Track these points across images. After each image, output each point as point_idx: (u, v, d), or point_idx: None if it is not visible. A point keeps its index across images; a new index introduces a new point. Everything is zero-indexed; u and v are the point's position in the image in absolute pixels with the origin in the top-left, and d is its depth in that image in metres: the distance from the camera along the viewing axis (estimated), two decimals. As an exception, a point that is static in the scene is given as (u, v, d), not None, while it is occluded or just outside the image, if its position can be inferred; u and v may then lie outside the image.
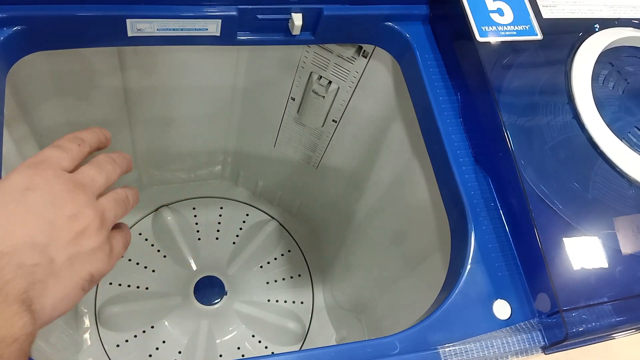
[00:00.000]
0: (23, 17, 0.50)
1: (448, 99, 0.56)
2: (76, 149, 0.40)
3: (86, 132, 0.42)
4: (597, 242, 0.48)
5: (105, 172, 0.40)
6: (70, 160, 0.39)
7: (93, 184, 0.38)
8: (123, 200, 0.41)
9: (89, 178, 0.38)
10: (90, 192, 0.38)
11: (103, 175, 0.39)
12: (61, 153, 0.38)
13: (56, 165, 0.37)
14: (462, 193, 0.52)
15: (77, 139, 0.41)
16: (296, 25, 0.56)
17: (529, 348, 0.46)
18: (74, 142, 0.40)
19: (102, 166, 0.40)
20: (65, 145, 0.39)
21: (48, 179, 0.36)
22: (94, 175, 0.39)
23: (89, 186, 0.38)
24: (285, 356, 0.43)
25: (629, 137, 0.52)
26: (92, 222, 0.36)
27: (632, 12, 0.59)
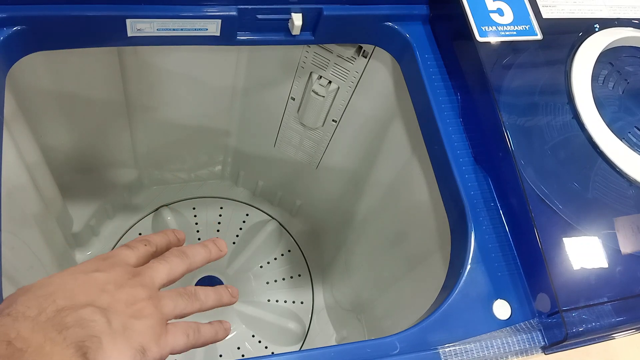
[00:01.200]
0: (23, 17, 0.50)
1: (448, 99, 0.56)
2: (143, 249, 0.44)
3: (156, 235, 0.47)
4: (597, 242, 0.48)
5: (169, 265, 0.43)
6: (136, 258, 0.43)
7: (153, 276, 0.41)
8: (189, 294, 0.43)
9: (150, 271, 0.41)
10: (150, 282, 0.41)
11: (165, 268, 0.42)
12: (128, 251, 0.43)
13: (123, 260, 0.42)
14: (462, 193, 0.52)
15: (145, 240, 0.45)
16: (296, 25, 0.56)
17: (529, 348, 0.46)
18: (142, 242, 0.44)
19: (168, 260, 0.43)
20: (132, 245, 0.44)
21: (114, 267, 0.40)
22: (156, 268, 0.42)
23: (149, 277, 0.41)
24: (285, 356, 0.43)
25: (629, 137, 0.52)
26: (148, 305, 0.39)
27: (632, 12, 0.59)
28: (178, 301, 0.42)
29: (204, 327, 0.44)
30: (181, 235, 0.49)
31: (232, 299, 0.48)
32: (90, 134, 0.81)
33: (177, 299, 0.42)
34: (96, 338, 0.35)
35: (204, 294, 0.45)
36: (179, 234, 0.49)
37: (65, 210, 0.89)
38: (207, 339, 0.44)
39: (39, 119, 0.71)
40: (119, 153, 0.90)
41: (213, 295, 0.46)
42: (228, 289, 0.48)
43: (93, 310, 0.36)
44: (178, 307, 0.41)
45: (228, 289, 0.48)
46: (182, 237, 0.49)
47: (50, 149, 0.78)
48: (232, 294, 0.48)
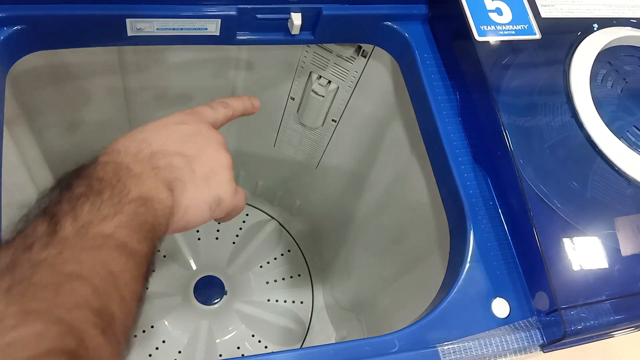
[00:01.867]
0: (23, 16, 0.50)
1: (447, 99, 0.56)
2: (223, 111, 0.49)
3: (234, 99, 0.51)
4: (596, 241, 0.48)
5: (223, 113, 0.49)
6: (214, 117, 0.48)
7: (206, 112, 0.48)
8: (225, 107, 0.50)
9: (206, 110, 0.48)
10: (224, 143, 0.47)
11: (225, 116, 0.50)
12: (210, 110, 0.48)
13: (204, 116, 0.47)
14: (461, 192, 0.52)
15: (224, 103, 0.50)
16: (295, 24, 0.57)
17: (527, 346, 0.46)
18: (222, 105, 0.49)
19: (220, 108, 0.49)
20: (214, 106, 0.49)
21: (198, 121, 0.45)
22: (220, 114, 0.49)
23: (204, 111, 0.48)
24: (284, 354, 0.43)
25: (628, 136, 0.52)
26: (228, 163, 0.45)
27: (631, 12, 0.59)
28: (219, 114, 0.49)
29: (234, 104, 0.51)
30: (256, 102, 0.54)
31: (253, 109, 0.53)
32: (91, 133, 0.81)
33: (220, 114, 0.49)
34: (181, 182, 0.40)
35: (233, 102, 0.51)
36: (254, 101, 0.54)
37: (65, 210, 0.89)
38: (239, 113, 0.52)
39: (39, 118, 0.71)
40: (119, 153, 0.90)
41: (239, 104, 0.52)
42: (251, 99, 0.53)
43: (180, 158, 0.41)
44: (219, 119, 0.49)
45: (251, 99, 0.53)
46: (257, 105, 0.54)
47: (51, 149, 0.78)
48: (254, 104, 0.54)
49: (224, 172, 0.44)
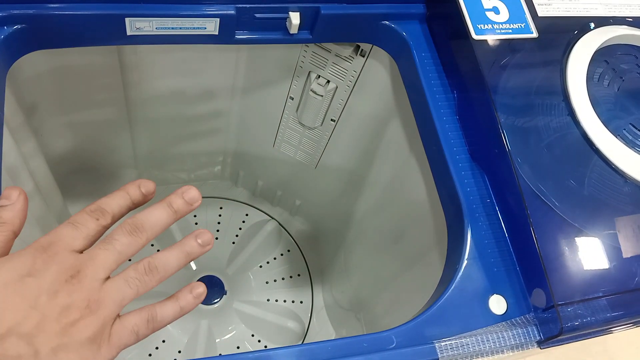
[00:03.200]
0: (23, 15, 0.50)
1: (445, 97, 0.56)
2: (93, 225, 0.37)
3: (113, 199, 0.38)
4: (593, 238, 0.49)
5: (117, 249, 0.36)
6: (83, 239, 0.36)
7: (97, 269, 0.35)
8: (139, 277, 0.37)
9: (92, 264, 0.35)
10: (93, 278, 0.35)
11: (112, 256, 0.36)
12: (74, 232, 0.36)
13: (66, 248, 0.35)
14: (459, 190, 0.52)
15: (97, 211, 0.37)
16: (294, 24, 0.57)
17: (524, 342, 0.46)
18: (93, 215, 0.37)
19: (115, 242, 0.37)
20: (80, 222, 0.37)
21: (50, 265, 0.34)
22: (102, 257, 0.36)
23: (91, 272, 0.35)
24: (283, 350, 0.43)
25: (624, 134, 0.53)
26: (85, 313, 0.34)
27: (627, 11, 0.59)
28: (125, 291, 0.36)
29: (163, 308, 0.38)
30: (148, 187, 0.40)
31: (202, 249, 0.39)
32: (91, 133, 0.82)
33: (124, 288, 0.36)
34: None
35: (163, 263, 0.38)
36: (145, 186, 0.39)
37: (65, 210, 0.89)
38: (167, 320, 0.38)
39: (40, 118, 0.71)
40: (119, 153, 0.90)
41: (174, 260, 0.38)
42: (197, 238, 0.39)
43: (18, 340, 0.32)
44: (126, 297, 0.36)
45: (197, 239, 0.39)
46: (150, 189, 0.40)
47: (51, 149, 0.78)
48: (203, 243, 0.39)
49: (78, 331, 0.34)
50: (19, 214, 0.37)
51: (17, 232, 0.37)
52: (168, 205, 0.39)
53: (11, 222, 0.37)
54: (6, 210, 0.37)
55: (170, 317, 0.39)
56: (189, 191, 0.40)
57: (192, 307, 0.40)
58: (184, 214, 0.39)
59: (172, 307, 0.39)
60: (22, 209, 0.37)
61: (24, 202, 0.38)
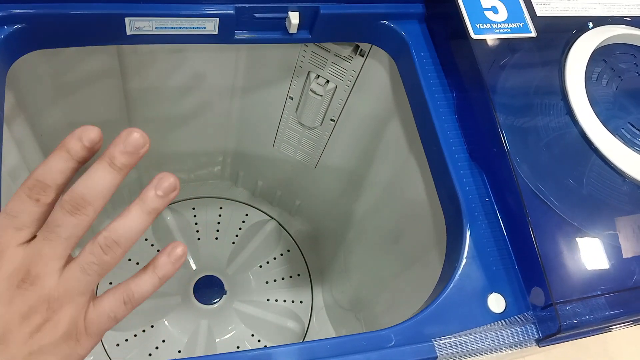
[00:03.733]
0: (23, 15, 0.50)
1: (444, 96, 0.57)
2: (34, 208, 0.31)
3: (53, 164, 0.31)
4: (591, 237, 0.49)
5: (63, 237, 0.31)
6: (27, 228, 0.31)
7: (48, 264, 0.31)
8: (97, 261, 0.32)
9: (42, 259, 0.31)
10: (46, 276, 0.31)
11: (61, 244, 0.31)
12: (14, 222, 0.31)
13: (9, 245, 0.31)
14: (458, 189, 0.52)
15: (36, 188, 0.31)
16: (293, 23, 0.57)
17: (523, 341, 0.46)
18: (32, 196, 0.31)
19: (58, 229, 0.31)
20: (18, 209, 0.31)
21: None
22: (49, 250, 0.31)
23: (42, 270, 0.31)
24: (283, 348, 0.43)
25: (623, 133, 0.53)
26: (48, 315, 0.31)
27: (625, 10, 0.60)
28: (86, 279, 0.32)
29: (139, 284, 0.34)
30: (90, 135, 0.32)
31: (164, 200, 0.32)
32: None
33: (83, 277, 0.32)
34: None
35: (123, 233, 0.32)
36: (86, 136, 0.31)
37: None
38: (146, 295, 0.34)
39: (40, 117, 0.71)
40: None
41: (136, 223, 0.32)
42: (157, 189, 0.32)
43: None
44: (89, 284, 0.32)
45: (157, 190, 0.32)
46: (93, 137, 0.32)
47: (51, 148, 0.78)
48: (164, 192, 0.32)
49: (46, 334, 0.31)
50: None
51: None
52: (109, 163, 0.31)
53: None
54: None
55: (149, 291, 0.34)
56: (129, 137, 0.32)
57: (173, 274, 0.35)
58: (132, 166, 0.32)
59: (149, 279, 0.34)
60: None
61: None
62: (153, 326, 0.97)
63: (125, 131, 0.32)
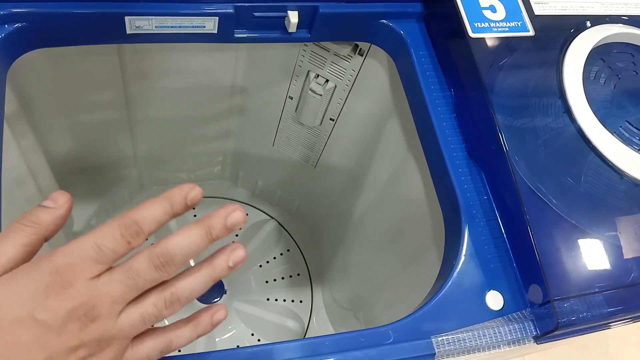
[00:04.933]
0: (23, 14, 0.51)
1: (442, 95, 0.57)
2: (121, 250, 0.32)
3: (153, 212, 0.32)
4: (589, 235, 0.49)
5: (138, 287, 0.32)
6: (107, 265, 0.32)
7: (114, 305, 0.32)
8: (157, 314, 0.33)
9: (111, 299, 0.31)
10: (108, 316, 0.31)
11: (133, 291, 0.32)
12: (98, 256, 0.31)
13: (84, 276, 0.31)
14: (456, 187, 0.53)
15: (131, 230, 0.32)
16: (292, 22, 0.57)
17: (521, 338, 0.47)
18: (125, 237, 0.31)
19: (139, 279, 0.32)
20: (109, 246, 0.31)
21: (65, 301, 0.30)
22: (121, 293, 0.32)
23: (106, 310, 0.31)
24: (282, 345, 0.44)
25: (621, 132, 0.53)
26: (94, 351, 0.31)
27: (623, 9, 0.60)
28: (140, 327, 0.33)
29: (179, 336, 0.35)
30: (194, 197, 0.33)
31: (231, 270, 0.35)
32: (91, 133, 0.82)
33: (139, 325, 0.33)
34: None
35: (187, 294, 0.34)
36: (191, 197, 0.33)
37: (65, 209, 0.89)
38: (180, 347, 0.36)
39: (40, 117, 0.72)
40: (119, 152, 0.91)
41: (200, 287, 0.34)
42: (229, 260, 0.34)
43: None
44: (140, 330, 0.33)
45: (229, 261, 0.34)
46: (195, 200, 0.34)
47: (51, 148, 0.78)
48: (234, 264, 0.35)
49: None
50: (57, 220, 0.34)
51: (48, 238, 0.34)
52: (207, 232, 0.33)
53: (46, 226, 0.33)
54: (46, 212, 0.34)
55: (184, 344, 0.36)
56: (232, 215, 0.34)
57: (208, 332, 0.37)
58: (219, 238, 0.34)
59: (189, 334, 0.36)
60: (63, 216, 0.34)
61: (67, 210, 0.34)
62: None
63: (230, 207, 0.34)
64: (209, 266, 0.34)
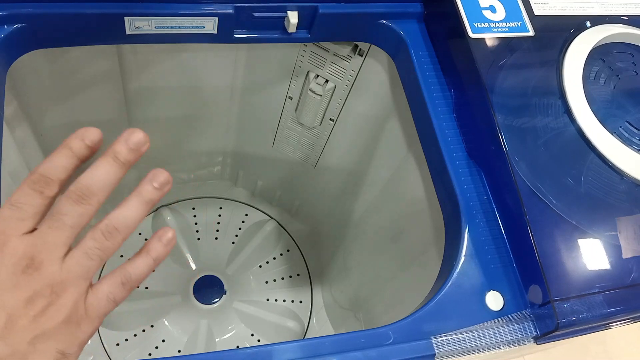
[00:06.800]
0: (23, 14, 0.51)
1: (442, 95, 0.57)
2: (38, 200, 0.33)
3: (57, 161, 0.33)
4: (589, 235, 0.49)
5: (68, 225, 0.33)
6: (31, 219, 0.33)
7: (52, 250, 0.33)
8: (99, 246, 0.34)
9: (47, 245, 0.33)
10: (50, 261, 0.33)
11: (65, 232, 0.33)
12: (19, 213, 0.33)
13: (13, 234, 0.33)
14: (456, 187, 0.52)
15: (40, 182, 0.33)
16: (292, 23, 0.57)
17: (521, 338, 0.47)
18: (37, 189, 0.33)
19: (63, 217, 0.33)
20: (23, 201, 0.33)
21: (2, 259, 0.32)
22: (54, 237, 0.33)
23: (46, 256, 0.33)
24: (282, 345, 0.44)
25: (620, 132, 0.53)
26: (52, 299, 0.33)
27: (623, 9, 0.60)
28: (88, 264, 0.34)
29: (135, 267, 0.36)
30: (92, 136, 0.34)
31: (160, 192, 0.36)
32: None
33: (85, 262, 0.33)
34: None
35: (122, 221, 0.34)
36: (88, 136, 0.34)
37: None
38: (142, 277, 0.36)
39: (40, 117, 0.72)
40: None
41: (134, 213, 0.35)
42: (153, 182, 0.35)
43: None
44: (91, 269, 0.34)
45: (153, 182, 0.35)
46: (94, 138, 0.34)
47: (51, 148, 0.78)
48: (160, 185, 0.36)
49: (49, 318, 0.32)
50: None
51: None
52: (113, 158, 0.34)
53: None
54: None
55: (144, 273, 0.36)
56: (132, 135, 0.35)
57: (165, 256, 0.37)
58: (133, 163, 0.35)
59: (144, 262, 0.36)
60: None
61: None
62: (153, 326, 0.97)
63: (128, 130, 0.35)
64: (135, 192, 0.35)
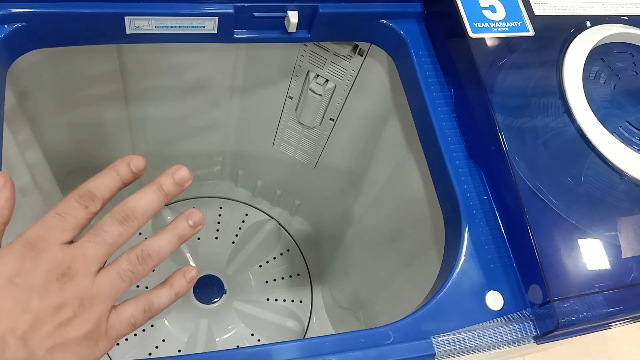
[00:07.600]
0: (23, 14, 0.51)
1: (442, 95, 0.57)
2: (82, 214, 0.35)
3: (103, 181, 0.36)
4: (589, 235, 0.49)
5: (107, 242, 0.35)
6: (72, 230, 0.35)
7: (88, 264, 0.34)
8: (132, 269, 0.36)
9: (84, 258, 0.34)
10: (84, 274, 0.34)
11: (104, 248, 0.35)
12: (62, 223, 0.34)
13: (54, 242, 0.34)
14: (456, 187, 0.52)
15: (85, 197, 0.35)
16: (292, 22, 0.57)
17: (521, 338, 0.47)
18: (81, 203, 0.35)
19: (104, 233, 0.35)
20: (68, 212, 0.34)
21: (40, 264, 0.33)
22: (92, 251, 0.34)
23: (81, 268, 0.34)
24: (282, 345, 0.44)
25: (620, 132, 0.53)
26: (79, 311, 0.34)
27: (623, 9, 0.60)
28: (119, 285, 0.35)
29: (158, 296, 0.38)
30: (138, 164, 0.37)
31: (193, 230, 0.38)
32: (91, 133, 0.82)
33: (117, 282, 0.35)
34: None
35: (156, 250, 0.37)
36: (134, 163, 0.37)
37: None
38: (162, 307, 0.38)
39: (40, 117, 0.72)
40: (119, 152, 0.91)
41: (167, 244, 0.37)
42: (188, 219, 0.38)
43: (15, 342, 0.31)
44: (120, 290, 0.35)
45: (188, 220, 0.38)
46: (140, 166, 0.37)
47: (51, 148, 0.78)
48: (194, 223, 0.38)
49: (73, 330, 0.33)
50: (7, 203, 0.35)
51: (6, 223, 0.35)
52: (158, 188, 0.37)
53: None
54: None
55: (165, 303, 0.38)
56: (178, 171, 0.37)
57: (186, 291, 0.40)
58: (175, 195, 0.38)
59: (167, 293, 0.38)
60: (10, 197, 0.35)
61: (11, 190, 0.35)
62: (153, 326, 0.97)
63: (176, 166, 0.38)
64: (172, 226, 0.38)
